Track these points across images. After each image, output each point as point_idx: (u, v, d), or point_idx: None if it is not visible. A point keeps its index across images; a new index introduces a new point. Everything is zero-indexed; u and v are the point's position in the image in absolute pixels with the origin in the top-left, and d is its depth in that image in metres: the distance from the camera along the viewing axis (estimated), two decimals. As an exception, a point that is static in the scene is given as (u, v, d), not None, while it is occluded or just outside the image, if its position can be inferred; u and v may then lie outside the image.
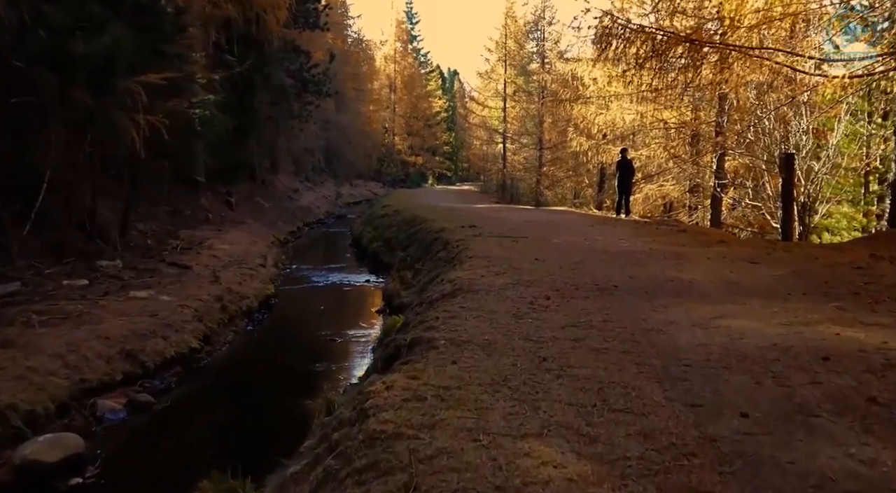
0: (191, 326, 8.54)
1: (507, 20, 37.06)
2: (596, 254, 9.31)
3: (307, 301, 12.33)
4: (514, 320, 5.30)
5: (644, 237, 11.72)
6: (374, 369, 5.24)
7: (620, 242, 10.95)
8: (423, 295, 7.82)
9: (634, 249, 9.93)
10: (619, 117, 22.46)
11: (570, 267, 8.04)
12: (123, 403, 6.54)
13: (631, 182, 17.44)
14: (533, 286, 6.79)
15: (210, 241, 14.43)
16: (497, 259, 8.73)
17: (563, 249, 9.86)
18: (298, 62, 24.79)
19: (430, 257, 11.96)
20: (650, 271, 7.83)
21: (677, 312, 5.61)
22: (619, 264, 8.40)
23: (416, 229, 15.18)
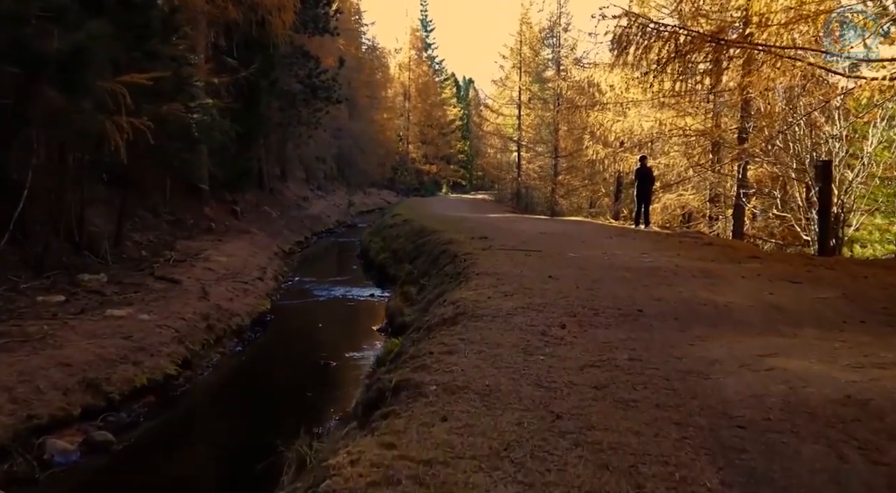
0: (169, 349, 7.70)
1: (522, 26, 36.19)
2: (616, 271, 8.37)
3: (305, 318, 11.48)
4: (522, 356, 4.39)
5: (667, 251, 10.77)
6: (354, 414, 4.35)
7: (642, 256, 10.00)
8: (424, 318, 6.93)
9: (658, 264, 8.98)
10: (637, 125, 21.52)
11: (588, 287, 7.11)
12: (78, 442, 5.69)
13: (651, 191, 16.47)
14: (545, 311, 5.87)
15: (207, 252, 13.63)
16: (506, 276, 7.83)
17: (579, 264, 8.94)
18: (307, 68, 24.07)
19: (437, 271, 11.09)
20: (679, 291, 6.89)
21: (718, 346, 4.67)
22: (642, 283, 7.46)
23: (425, 241, 14.32)
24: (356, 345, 9.38)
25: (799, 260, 9.87)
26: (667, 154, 22.04)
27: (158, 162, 13.23)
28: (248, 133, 20.60)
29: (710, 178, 19.74)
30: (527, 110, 36.09)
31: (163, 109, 12.37)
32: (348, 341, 9.85)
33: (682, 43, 12.39)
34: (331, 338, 10.11)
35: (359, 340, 9.85)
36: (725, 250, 11.10)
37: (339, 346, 9.49)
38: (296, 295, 13.26)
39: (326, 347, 9.53)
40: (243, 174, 20.83)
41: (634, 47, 13.05)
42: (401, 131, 53.17)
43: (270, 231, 20.37)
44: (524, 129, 36.25)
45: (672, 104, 21.13)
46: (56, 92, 7.96)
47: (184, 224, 17.31)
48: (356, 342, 9.67)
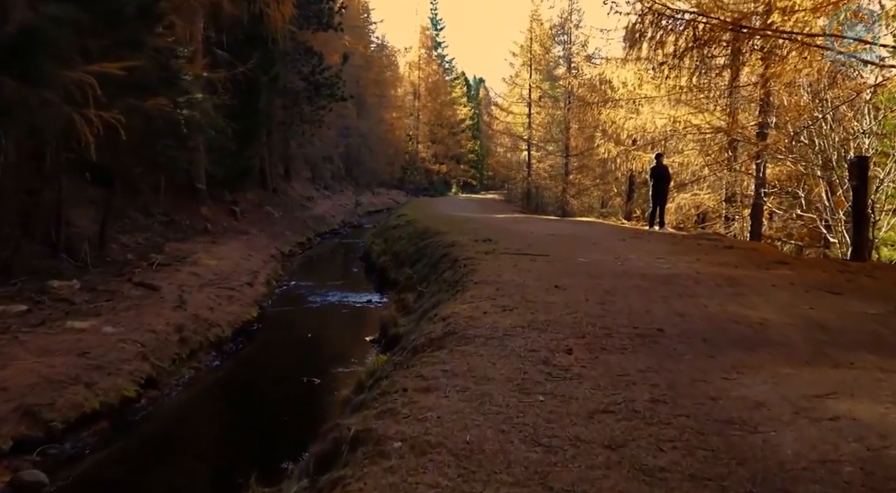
0: (131, 366, 6.84)
1: (533, 24, 35.22)
2: (631, 279, 7.44)
3: (296, 327, 10.61)
4: (516, 397, 3.48)
5: (685, 255, 9.81)
6: (305, 470, 3.46)
7: (658, 261, 9.05)
8: (411, 337, 6.03)
9: (677, 271, 8.04)
10: (650, 122, 20.59)
11: (599, 299, 6.19)
12: (5, 483, 4.86)
13: (667, 191, 15.48)
14: (549, 331, 4.96)
15: (197, 255, 12.81)
16: (507, 286, 6.91)
17: (590, 271, 8.00)
18: (311, 64, 23.23)
19: (436, 277, 10.19)
20: (703, 305, 5.95)
21: (760, 382, 3.74)
22: (661, 293, 6.52)
23: (427, 243, 13.43)
24: (345, 359, 8.48)
25: (832, 266, 8.87)
26: (681, 152, 21.08)
27: (144, 160, 12.41)
28: (248, 131, 19.78)
29: (727, 177, 18.79)
30: (537, 109, 35.11)
31: (146, 103, 11.59)
32: (337, 354, 8.97)
33: (701, 31, 11.45)
34: (319, 350, 9.24)
35: (349, 353, 8.96)
36: (749, 254, 10.12)
37: (327, 360, 8.61)
38: (289, 301, 12.41)
39: (313, 361, 8.66)
40: (243, 173, 20.03)
41: (650, 37, 12.13)
42: (410, 131, 52.28)
43: (270, 232, 19.55)
44: (534, 127, 35.27)
45: (687, 100, 20.21)
46: (11, 80, 7.12)
47: (178, 225, 16.54)
48: (345, 356, 8.77)
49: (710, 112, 19.67)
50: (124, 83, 10.90)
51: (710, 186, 20.63)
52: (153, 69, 12.33)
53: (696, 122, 19.37)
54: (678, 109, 19.97)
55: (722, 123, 18.94)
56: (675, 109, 19.97)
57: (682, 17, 11.69)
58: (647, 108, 20.72)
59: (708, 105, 19.99)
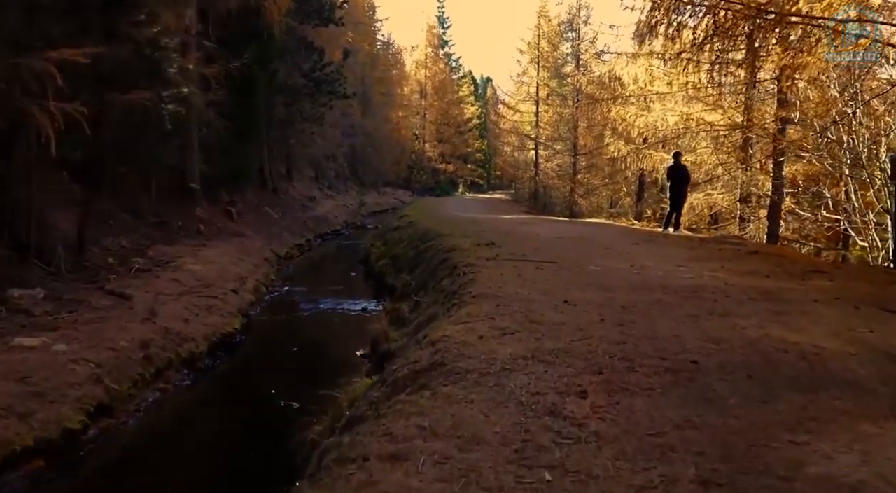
0: (80, 391, 5.94)
1: (540, 20, 34.12)
2: (651, 292, 6.47)
3: (282, 338, 9.71)
4: (513, 474, 2.53)
5: (707, 262, 8.83)
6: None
7: (679, 269, 8.07)
8: (393, 366, 5.10)
9: (702, 282, 7.06)
10: (661, 119, 19.60)
11: (617, 318, 5.23)
12: None
13: (685, 192, 14.44)
14: (558, 363, 4.00)
15: (182, 259, 11.93)
16: (509, 301, 5.96)
17: (603, 282, 7.03)
18: (312, 60, 22.33)
19: (434, 285, 9.27)
20: (741, 327, 4.97)
21: (843, 447, 2.77)
22: (687, 311, 5.56)
23: (427, 246, 12.51)
24: (331, 378, 7.51)
25: (877, 276, 7.86)
26: (693, 151, 20.10)
27: (124, 157, 11.54)
28: (245, 129, 18.97)
29: (742, 176, 17.79)
30: (545, 107, 34.05)
31: (125, 96, 10.73)
32: (323, 371, 8.02)
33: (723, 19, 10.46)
34: (304, 367, 8.32)
35: (336, 370, 8.00)
36: (777, 260, 9.11)
37: (310, 379, 7.68)
38: (279, 309, 11.52)
39: (294, 380, 7.74)
40: (239, 173, 19.19)
41: (666, 25, 11.16)
42: (417, 130, 51.34)
43: (268, 234, 18.67)
44: (542, 126, 34.23)
45: (701, 97, 19.25)
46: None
47: (169, 227, 15.66)
48: (331, 374, 7.80)
49: (725, 109, 18.73)
50: (98, 74, 10.06)
51: (724, 185, 19.68)
52: (134, 60, 11.49)
53: (709, 119, 18.45)
54: (691, 105, 19.04)
55: (738, 119, 18.00)
56: (688, 106, 19.05)
57: (701, 4, 10.71)
58: (658, 105, 19.80)
59: (723, 101, 19.05)
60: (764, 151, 17.48)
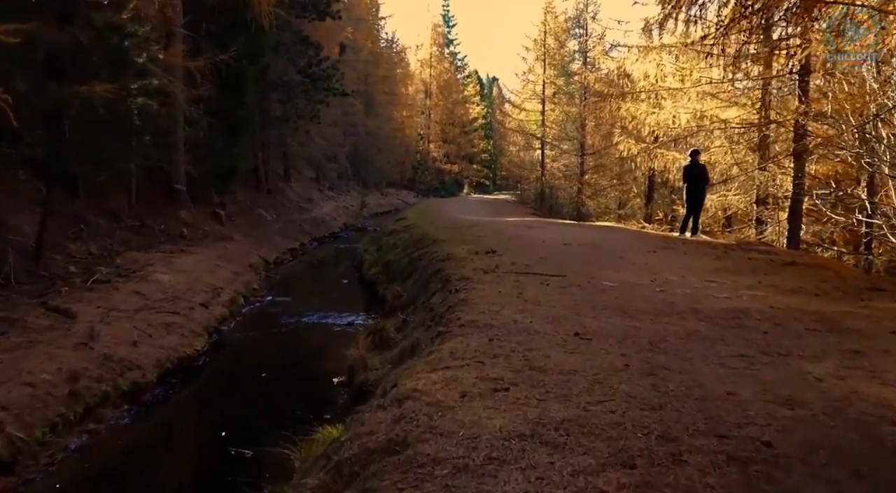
0: (-33, 445, 4.70)
1: (547, 16, 32.78)
2: (682, 318, 5.16)
3: (252, 361, 8.44)
4: None
5: (740, 276, 7.52)
6: None
7: (709, 286, 6.76)
8: (344, 437, 3.82)
9: (742, 304, 5.74)
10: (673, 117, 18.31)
11: (645, 362, 3.92)
12: None
13: (704, 193, 13.08)
14: (569, 448, 2.71)
15: (152, 267, 10.67)
16: (506, 333, 4.66)
17: (622, 304, 5.72)
18: (307, 56, 21.06)
19: (424, 300, 8.02)
20: (814, 377, 3.66)
21: None
22: (735, 348, 4.25)
23: (422, 253, 11.24)
24: (297, 414, 6.27)
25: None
26: (707, 150, 18.80)
27: (84, 155, 10.30)
28: (234, 126, 17.70)
29: (759, 176, 16.47)
30: (551, 105, 32.71)
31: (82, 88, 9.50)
32: (290, 404, 6.77)
33: None
34: (269, 398, 7.04)
35: (305, 403, 6.76)
36: (821, 273, 7.77)
37: (274, 415, 6.43)
38: (256, 324, 10.25)
39: (255, 416, 6.48)
40: (228, 173, 17.91)
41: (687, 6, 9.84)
42: (421, 129, 50.00)
43: (258, 237, 17.42)
44: (548, 125, 32.88)
45: (715, 93, 17.93)
46: None
47: (150, 231, 14.45)
48: (299, 409, 6.57)
49: (741, 105, 17.43)
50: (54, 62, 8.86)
51: (740, 186, 18.40)
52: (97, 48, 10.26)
53: (724, 116, 17.18)
54: (704, 102, 17.74)
55: (755, 116, 16.71)
56: (702, 103, 17.75)
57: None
58: (669, 102, 18.50)
59: (740, 97, 17.79)
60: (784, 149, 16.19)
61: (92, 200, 13.73)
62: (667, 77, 19.53)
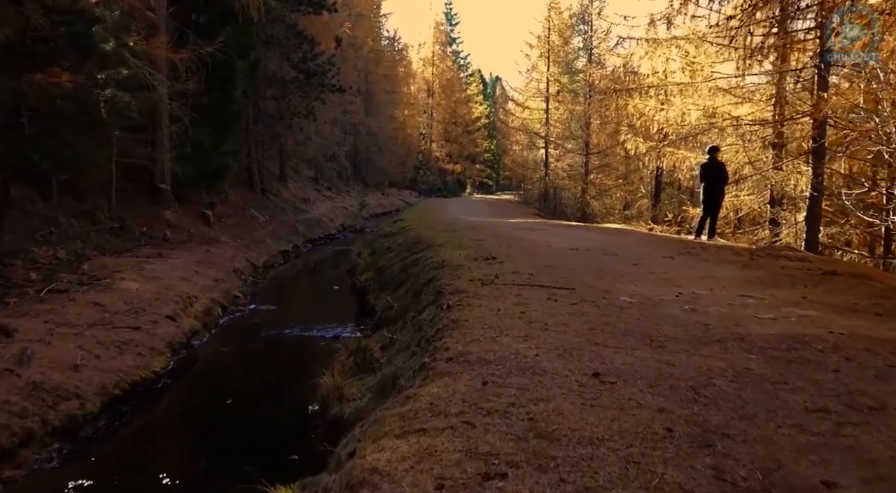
0: None
1: (551, 12, 31.67)
2: (725, 348, 4.08)
3: (219, 383, 7.38)
4: None
5: (776, 288, 6.42)
6: None
7: (746, 302, 5.66)
8: None
9: (793, 328, 4.65)
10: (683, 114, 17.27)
11: (694, 419, 2.85)
12: None
13: (723, 194, 11.97)
14: None
15: (121, 274, 9.62)
16: (504, 374, 3.58)
17: (646, 328, 4.64)
18: (301, 50, 19.99)
19: (414, 315, 6.96)
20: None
21: None
22: (810, 401, 3.17)
23: (416, 259, 10.17)
24: (257, 457, 5.20)
25: None
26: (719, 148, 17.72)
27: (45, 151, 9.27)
28: (224, 123, 16.67)
29: (773, 176, 15.42)
30: (555, 103, 31.59)
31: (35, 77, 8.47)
32: (252, 443, 5.70)
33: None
34: (228, 433, 5.96)
35: (270, 441, 5.70)
36: (869, 286, 6.65)
37: (229, 456, 5.36)
38: (232, 337, 9.20)
39: (207, 457, 5.41)
40: (217, 172, 16.86)
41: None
42: (423, 129, 48.89)
43: (248, 239, 16.37)
44: (552, 123, 31.76)
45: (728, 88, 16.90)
46: None
47: (129, 233, 13.43)
48: (261, 448, 5.52)
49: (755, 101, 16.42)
50: None
51: (754, 185, 17.36)
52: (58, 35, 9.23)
53: (737, 113, 16.17)
54: (716, 98, 16.72)
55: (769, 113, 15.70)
56: (713, 99, 16.73)
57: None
58: (679, 98, 17.46)
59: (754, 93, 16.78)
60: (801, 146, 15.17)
61: (67, 199, 12.71)
62: (675, 72, 18.53)
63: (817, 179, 13.06)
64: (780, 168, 15.14)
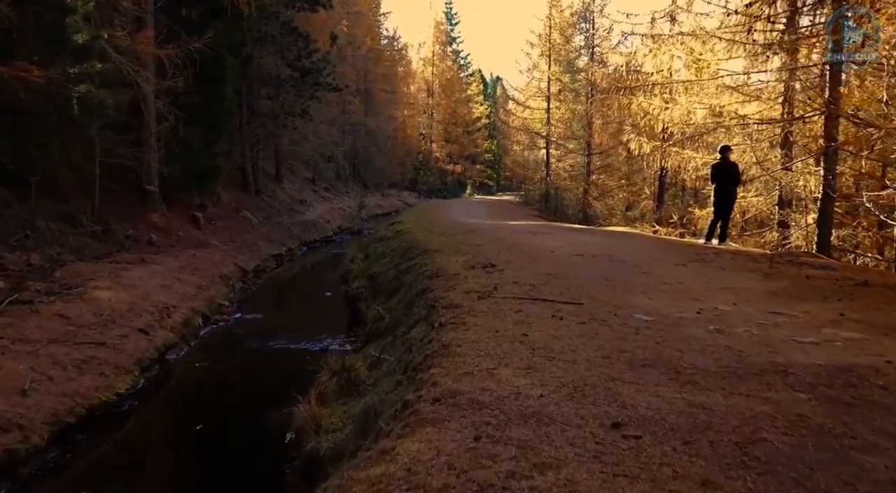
0: None
1: (552, 10, 30.93)
2: (771, 388, 3.36)
3: (188, 406, 6.67)
4: None
5: (807, 303, 5.71)
6: None
7: (779, 321, 4.95)
8: None
9: (843, 356, 3.94)
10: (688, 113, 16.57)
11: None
12: None
13: (735, 195, 11.29)
14: None
15: (94, 282, 8.92)
16: (505, 420, 2.88)
17: (671, 358, 3.92)
18: (296, 48, 19.27)
19: (404, 331, 6.24)
20: None
21: None
22: (891, 467, 2.47)
23: (410, 266, 9.45)
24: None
25: None
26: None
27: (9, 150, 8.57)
28: (215, 122, 15.96)
29: (782, 176, 14.73)
30: (556, 103, 30.84)
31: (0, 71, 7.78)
32: (219, 479, 5.00)
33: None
34: (192, 469, 5.26)
35: (237, 478, 5.00)
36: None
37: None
38: (211, 351, 8.49)
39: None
40: (208, 173, 16.16)
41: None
42: (423, 129, 48.14)
43: (239, 243, 15.67)
44: (553, 123, 31.02)
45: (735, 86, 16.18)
46: None
47: (114, 237, 12.73)
48: (228, 487, 4.82)
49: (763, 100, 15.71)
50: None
51: (763, 186, 16.69)
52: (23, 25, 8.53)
53: (744, 111, 15.48)
54: (722, 96, 16.00)
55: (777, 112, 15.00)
56: (719, 98, 16.01)
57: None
58: (684, 97, 16.77)
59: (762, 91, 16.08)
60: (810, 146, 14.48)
61: (46, 201, 12.01)
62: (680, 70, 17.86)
63: (830, 180, 12.37)
64: (790, 168, 14.46)
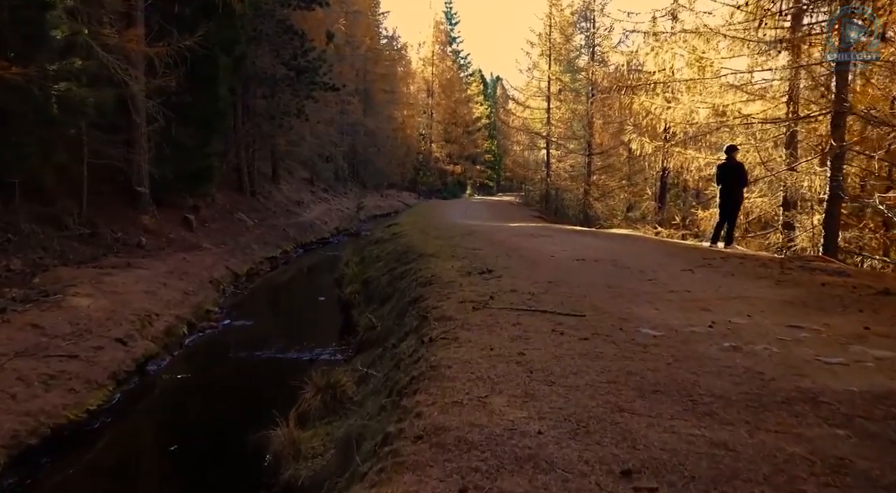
0: None
1: (552, 9, 30.48)
2: (802, 422, 2.93)
3: (164, 423, 6.25)
4: None
5: (830, 317, 5.27)
6: None
7: (800, 337, 4.50)
8: None
9: (878, 380, 3.49)
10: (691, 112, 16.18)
11: None
12: None
13: (741, 196, 10.88)
14: None
15: (74, 289, 8.50)
16: (496, 465, 2.44)
17: (685, 382, 3.48)
18: (292, 47, 18.84)
19: (394, 343, 5.82)
20: None
21: None
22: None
23: (404, 271, 9.02)
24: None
25: None
26: (725, 148, 16.60)
27: None
28: (208, 122, 15.55)
29: (786, 177, 14.33)
30: (556, 103, 30.41)
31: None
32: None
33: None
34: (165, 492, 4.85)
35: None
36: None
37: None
38: (195, 361, 8.07)
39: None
40: (201, 173, 15.76)
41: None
42: (423, 129, 47.70)
43: (232, 246, 15.25)
44: (554, 123, 30.58)
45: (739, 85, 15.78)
46: None
47: (101, 240, 12.34)
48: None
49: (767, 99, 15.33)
50: None
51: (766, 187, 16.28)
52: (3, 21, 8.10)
53: (747, 111, 15.11)
54: (726, 95, 15.59)
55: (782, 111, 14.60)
56: (722, 97, 15.61)
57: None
58: (687, 96, 16.39)
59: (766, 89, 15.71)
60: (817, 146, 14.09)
61: (31, 204, 11.61)
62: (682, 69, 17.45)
63: (838, 181, 11.95)
64: (795, 169, 14.07)
